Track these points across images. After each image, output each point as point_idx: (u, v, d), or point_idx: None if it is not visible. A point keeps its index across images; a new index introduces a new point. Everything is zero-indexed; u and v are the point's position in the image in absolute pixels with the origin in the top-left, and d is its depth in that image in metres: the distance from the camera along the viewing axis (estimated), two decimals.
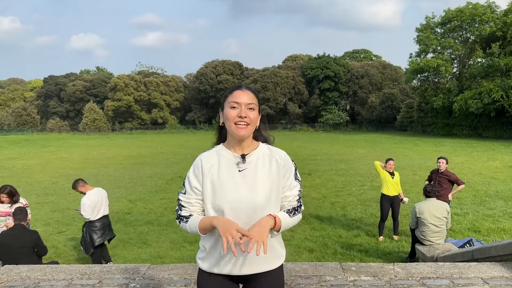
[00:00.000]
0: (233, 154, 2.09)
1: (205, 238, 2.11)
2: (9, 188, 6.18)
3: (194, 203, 2.11)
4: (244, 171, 2.06)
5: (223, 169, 2.07)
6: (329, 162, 20.87)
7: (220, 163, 2.09)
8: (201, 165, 2.09)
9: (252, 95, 2.05)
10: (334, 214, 10.35)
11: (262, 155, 2.12)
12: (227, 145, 2.13)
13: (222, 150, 2.12)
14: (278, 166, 2.10)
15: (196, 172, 2.10)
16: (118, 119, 63.87)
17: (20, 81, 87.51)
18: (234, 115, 2.00)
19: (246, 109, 2.01)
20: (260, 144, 2.16)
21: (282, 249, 2.19)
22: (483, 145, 30.06)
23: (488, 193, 12.38)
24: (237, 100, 2.01)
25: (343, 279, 3.74)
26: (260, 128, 2.17)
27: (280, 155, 2.13)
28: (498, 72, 37.44)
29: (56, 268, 4.16)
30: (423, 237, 6.40)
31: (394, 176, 8.25)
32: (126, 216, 10.48)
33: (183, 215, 2.11)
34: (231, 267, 2.05)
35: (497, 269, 3.90)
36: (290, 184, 2.13)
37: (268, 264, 2.09)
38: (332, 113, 59.09)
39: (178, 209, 2.14)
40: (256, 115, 2.06)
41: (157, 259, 7.25)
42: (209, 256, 2.10)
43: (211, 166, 2.08)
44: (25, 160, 24.77)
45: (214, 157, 2.11)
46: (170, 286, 3.64)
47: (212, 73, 61.87)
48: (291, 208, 2.13)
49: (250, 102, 2.03)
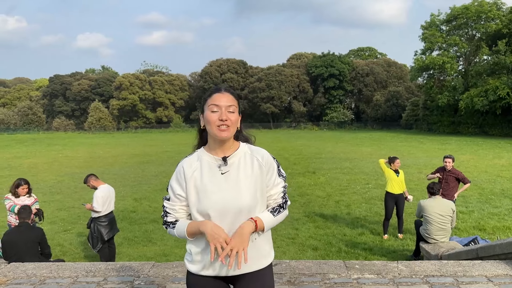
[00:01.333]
0: (215, 158, 2.10)
1: (191, 242, 2.11)
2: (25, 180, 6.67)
3: (178, 210, 2.12)
4: (226, 173, 2.07)
5: (206, 173, 2.08)
6: (334, 161, 20.83)
7: (202, 167, 2.09)
8: (183, 171, 2.10)
9: (231, 97, 2.06)
10: (338, 212, 10.34)
11: (244, 155, 2.13)
12: (208, 149, 2.13)
13: (204, 154, 2.12)
14: (260, 166, 2.10)
15: (179, 179, 2.11)
16: (123, 118, 64.11)
17: (26, 80, 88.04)
18: (215, 118, 2.00)
19: (227, 111, 2.01)
20: (241, 144, 2.16)
21: (271, 248, 2.21)
22: (489, 143, 29.89)
23: (493, 191, 12.32)
24: (217, 103, 2.02)
25: (347, 277, 3.74)
26: (241, 128, 2.18)
27: (261, 154, 2.14)
28: (504, 69, 37.19)
29: (62, 265, 4.19)
30: (427, 235, 6.39)
31: (399, 174, 8.23)
32: (131, 214, 10.53)
33: (169, 221, 2.13)
34: (219, 269, 2.06)
35: (501, 267, 3.89)
36: (273, 182, 2.14)
37: (256, 264, 2.10)
38: (337, 112, 58.95)
39: (164, 215, 2.15)
40: (236, 117, 2.06)
41: (162, 257, 7.28)
42: (196, 260, 2.11)
43: (194, 171, 2.09)
44: (31, 159, 24.92)
45: (195, 162, 2.12)
46: (174, 283, 3.67)
47: (217, 72, 61.92)
48: (276, 206, 2.13)
49: (230, 104, 2.03)
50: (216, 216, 2.02)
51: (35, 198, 6.75)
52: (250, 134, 2.28)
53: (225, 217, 2.02)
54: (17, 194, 6.48)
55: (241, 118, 2.16)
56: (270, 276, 2.18)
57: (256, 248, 2.09)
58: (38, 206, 6.68)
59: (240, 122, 2.14)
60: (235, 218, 2.02)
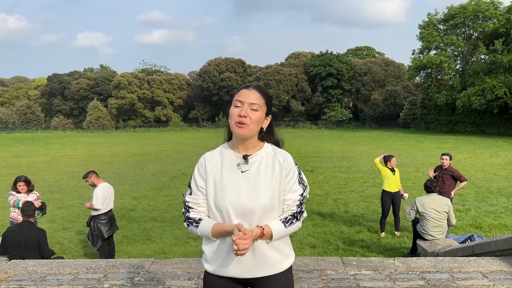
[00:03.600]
0: (236, 154, 2.06)
1: (206, 242, 2.08)
2: (24, 177, 6.65)
3: (201, 203, 2.06)
4: (246, 172, 2.02)
5: (226, 169, 2.04)
6: (332, 159, 20.89)
7: (223, 163, 2.06)
8: (205, 164, 2.07)
9: (258, 95, 2.00)
10: (336, 210, 10.40)
11: (266, 156, 2.07)
12: (231, 145, 2.10)
13: (226, 150, 2.10)
14: (280, 168, 2.05)
15: (201, 171, 2.07)
16: (122, 117, 64.05)
17: (24, 79, 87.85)
18: (236, 113, 1.97)
19: (249, 108, 1.97)
20: (265, 145, 2.11)
21: (290, 249, 2.14)
22: (486, 142, 29.99)
23: (490, 189, 12.39)
24: (241, 98, 1.98)
25: (344, 273, 3.80)
26: (271, 130, 2.13)
27: (283, 157, 2.08)
28: (502, 68, 37.26)
29: (62, 262, 4.24)
30: (424, 231, 6.45)
31: (395, 173, 8.30)
32: (130, 212, 10.57)
33: (191, 217, 2.06)
34: (237, 271, 2.02)
35: (496, 264, 3.95)
36: (291, 188, 2.06)
37: (275, 267, 2.04)
38: (335, 111, 58.99)
39: (185, 211, 2.09)
40: (259, 116, 2.00)
41: (161, 255, 7.32)
42: (212, 260, 2.07)
43: (214, 166, 2.06)
44: (30, 158, 24.92)
45: (217, 156, 2.09)
46: (173, 280, 3.71)
47: (215, 71, 61.85)
48: (289, 215, 2.03)
49: (254, 102, 1.98)
50: (233, 214, 1.98)
51: (37, 195, 6.77)
52: (281, 138, 2.21)
53: (242, 216, 1.98)
54: (18, 191, 6.54)
55: (271, 119, 2.10)
56: (290, 279, 2.11)
57: (275, 249, 2.04)
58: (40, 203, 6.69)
59: (271, 124, 2.10)
60: (251, 219, 1.97)
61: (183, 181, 15.26)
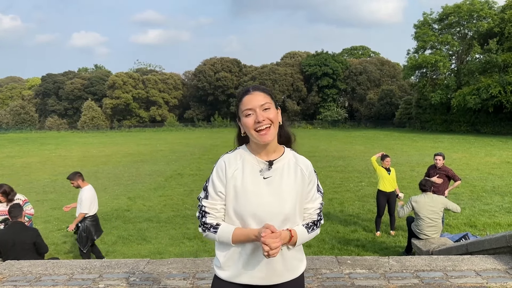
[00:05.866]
0: (258, 159, 1.98)
1: (222, 248, 2.01)
2: (3, 188, 6.09)
3: (219, 209, 1.97)
4: (269, 178, 1.95)
5: (247, 175, 1.95)
6: (328, 159, 20.93)
7: (244, 168, 1.96)
8: (225, 168, 1.96)
9: (262, 94, 1.94)
10: (332, 210, 10.42)
11: (288, 162, 2.02)
12: (251, 149, 2.01)
13: (247, 154, 2.00)
14: (303, 176, 2.01)
15: (221, 175, 1.97)
16: (117, 117, 63.94)
17: (18, 79, 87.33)
18: (252, 122, 1.89)
19: (261, 111, 1.90)
20: (285, 150, 2.05)
21: (303, 254, 2.14)
22: (481, 141, 30.14)
23: (485, 188, 12.46)
24: (249, 106, 1.90)
25: (339, 272, 3.81)
26: (283, 123, 2.05)
27: (305, 165, 2.05)
28: (496, 68, 37.48)
29: (57, 263, 4.22)
30: (419, 230, 6.48)
31: (390, 172, 8.32)
32: (126, 213, 10.54)
33: (208, 222, 1.97)
34: (250, 278, 1.96)
35: (489, 262, 3.97)
36: (312, 196, 2.04)
37: (290, 273, 2.01)
38: (331, 110, 59.15)
39: (201, 216, 1.99)
40: (274, 113, 1.94)
41: (156, 255, 7.31)
42: (226, 266, 2.00)
43: (235, 170, 1.96)
44: (24, 158, 24.80)
45: (238, 160, 1.99)
46: (169, 279, 3.71)
47: (211, 71, 61.82)
48: (310, 223, 2.04)
49: (263, 102, 1.91)
50: (253, 222, 1.91)
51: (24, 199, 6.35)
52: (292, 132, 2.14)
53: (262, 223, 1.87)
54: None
55: (280, 111, 2.02)
56: (303, 282, 2.12)
57: (294, 254, 2.03)
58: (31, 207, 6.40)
59: (281, 116, 2.02)
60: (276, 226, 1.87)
61: (179, 181, 15.25)
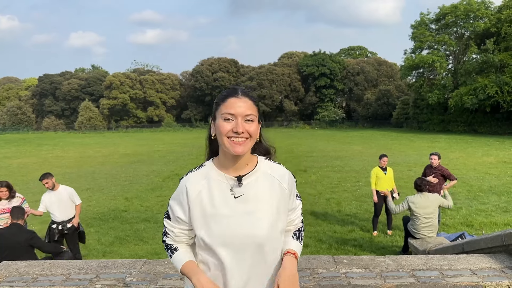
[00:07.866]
0: (226, 176, 1.71)
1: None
2: (6, 182, 6.30)
3: (177, 233, 1.78)
4: (240, 197, 1.69)
5: (215, 196, 1.69)
6: (325, 159, 20.96)
7: (210, 188, 1.70)
8: (186, 192, 1.71)
9: (250, 102, 1.66)
10: (329, 210, 10.44)
11: (262, 175, 1.75)
12: (218, 164, 1.74)
13: (212, 171, 1.73)
14: (282, 190, 1.76)
15: (181, 199, 1.74)
16: (114, 118, 63.81)
17: (14, 80, 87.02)
18: (228, 128, 1.62)
19: (243, 121, 1.63)
20: (258, 160, 1.78)
21: None
22: (478, 141, 30.23)
23: (482, 188, 12.50)
24: (232, 111, 1.62)
25: (335, 271, 3.82)
26: (261, 138, 1.78)
27: (282, 176, 1.79)
28: (493, 68, 37.60)
29: (54, 263, 4.22)
30: (415, 230, 6.50)
31: (386, 172, 8.35)
32: (123, 213, 10.54)
33: (168, 243, 1.81)
34: None
35: (485, 261, 3.99)
36: (294, 207, 1.87)
37: None
38: (328, 110, 59.21)
39: (164, 235, 1.83)
40: (256, 127, 1.67)
41: (153, 255, 7.31)
42: None
43: (199, 192, 1.70)
44: (21, 159, 24.75)
45: (202, 180, 1.72)
46: (166, 279, 3.71)
47: (208, 71, 61.80)
48: (296, 231, 1.89)
49: (249, 113, 1.64)
50: (229, 250, 1.67)
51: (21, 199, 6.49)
52: (271, 145, 1.87)
53: (241, 251, 1.67)
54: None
55: (261, 125, 1.74)
56: None
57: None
58: (27, 205, 6.49)
59: (260, 131, 1.74)
60: (253, 253, 1.68)
61: (176, 181, 15.19)
